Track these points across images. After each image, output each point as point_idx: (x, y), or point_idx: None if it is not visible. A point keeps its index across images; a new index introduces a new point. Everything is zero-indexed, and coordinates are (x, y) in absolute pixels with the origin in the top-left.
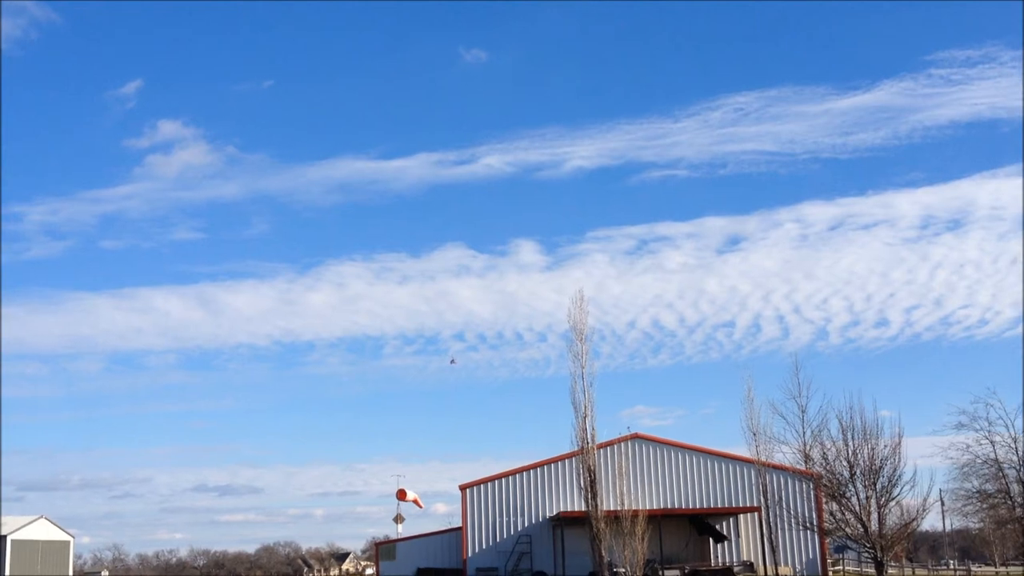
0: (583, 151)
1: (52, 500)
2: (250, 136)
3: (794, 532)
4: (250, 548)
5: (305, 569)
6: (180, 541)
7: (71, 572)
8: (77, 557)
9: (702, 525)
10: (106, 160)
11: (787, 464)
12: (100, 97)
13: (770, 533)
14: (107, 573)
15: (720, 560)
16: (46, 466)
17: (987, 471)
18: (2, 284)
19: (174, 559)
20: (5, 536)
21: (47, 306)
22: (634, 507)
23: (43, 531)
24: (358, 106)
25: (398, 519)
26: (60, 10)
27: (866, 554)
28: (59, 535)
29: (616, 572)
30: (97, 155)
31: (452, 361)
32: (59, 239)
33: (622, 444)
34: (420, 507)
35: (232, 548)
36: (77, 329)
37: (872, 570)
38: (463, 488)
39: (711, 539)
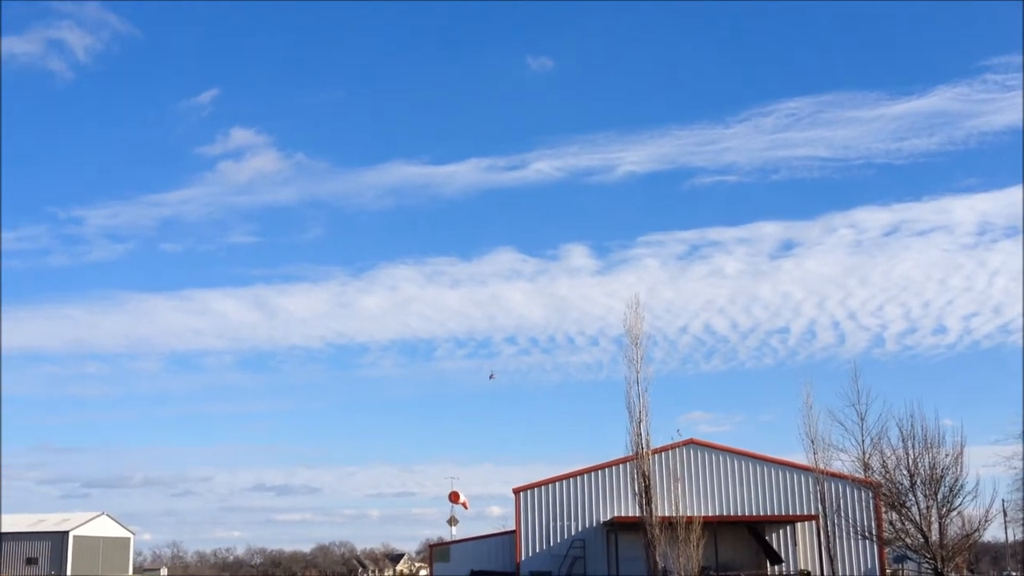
0: (634, 156)
1: (115, 497)
2: (319, 144)
3: (852, 542)
4: (306, 547)
5: (360, 570)
6: (237, 540)
7: (131, 569)
8: (137, 554)
9: (760, 539)
10: (173, 166)
11: (846, 472)
12: (175, 106)
13: (828, 542)
14: (166, 570)
15: (777, 569)
16: (110, 464)
17: None
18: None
19: (231, 557)
20: (68, 532)
21: (108, 307)
22: (689, 513)
23: (104, 528)
24: (415, 113)
25: (452, 521)
26: (141, 24)
27: (926, 565)
28: (120, 532)
29: None
30: (165, 162)
31: (491, 376)
32: (119, 242)
33: (677, 450)
34: (466, 508)
35: (288, 547)
36: (137, 330)
37: None
38: (517, 491)
39: (767, 559)
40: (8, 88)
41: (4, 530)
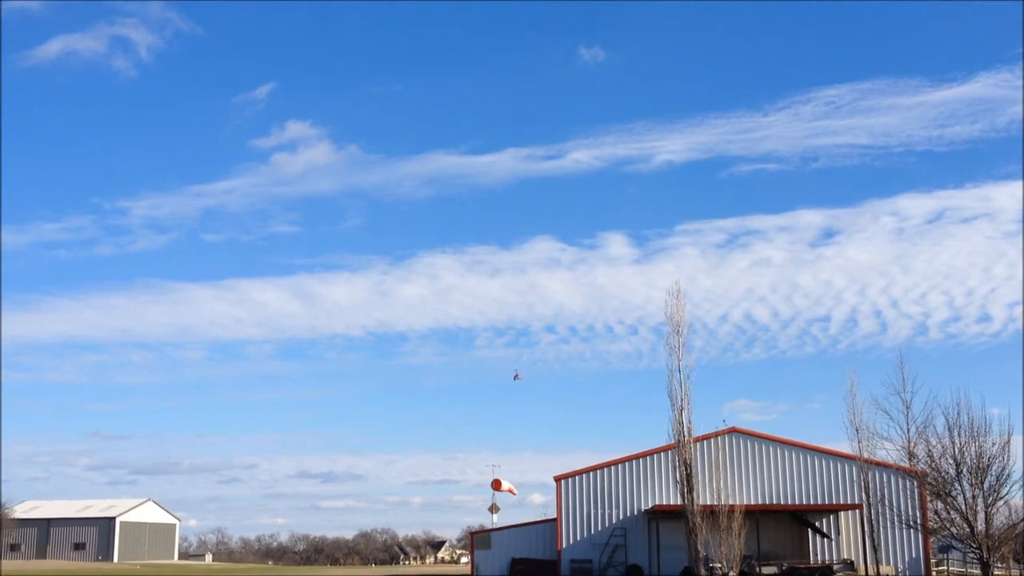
0: (672, 145)
1: (162, 484)
2: (373, 135)
3: (896, 531)
4: (348, 534)
5: (401, 556)
6: (281, 526)
7: (176, 554)
8: (182, 539)
9: (803, 521)
10: (223, 158)
11: (890, 461)
12: (232, 101)
13: (871, 531)
14: (211, 556)
15: (820, 558)
16: (157, 451)
17: None
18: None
19: (275, 543)
20: (114, 518)
21: (152, 296)
22: (731, 502)
23: (151, 514)
24: (459, 103)
25: (493, 509)
26: (202, 22)
27: (972, 555)
28: (166, 518)
29: (712, 567)
30: (217, 154)
31: (516, 377)
32: (163, 232)
33: (719, 438)
34: (514, 494)
35: (331, 534)
36: (180, 319)
37: (978, 571)
38: (558, 479)
39: (816, 534)
40: (70, 85)
41: (52, 516)
